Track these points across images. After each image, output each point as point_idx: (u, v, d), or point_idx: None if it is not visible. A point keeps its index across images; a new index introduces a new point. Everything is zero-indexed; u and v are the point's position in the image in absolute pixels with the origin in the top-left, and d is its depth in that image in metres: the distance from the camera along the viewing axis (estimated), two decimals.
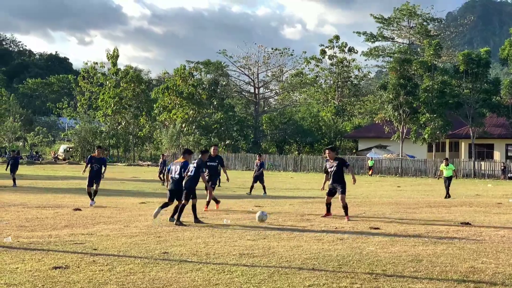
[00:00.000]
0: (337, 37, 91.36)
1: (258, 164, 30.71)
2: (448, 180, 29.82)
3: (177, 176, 16.44)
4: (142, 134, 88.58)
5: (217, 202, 20.62)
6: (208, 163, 19.68)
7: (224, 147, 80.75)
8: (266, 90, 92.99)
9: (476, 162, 59.60)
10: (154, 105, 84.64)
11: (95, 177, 22.53)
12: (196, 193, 16.78)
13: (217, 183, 26.96)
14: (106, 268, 9.94)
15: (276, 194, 30.67)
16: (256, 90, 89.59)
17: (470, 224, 16.43)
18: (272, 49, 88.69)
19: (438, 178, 34.12)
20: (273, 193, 30.95)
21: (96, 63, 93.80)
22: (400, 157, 62.64)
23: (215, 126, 79.74)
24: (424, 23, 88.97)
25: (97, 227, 15.21)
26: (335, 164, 17.70)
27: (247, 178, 49.43)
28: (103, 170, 22.89)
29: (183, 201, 16.21)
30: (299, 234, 14.36)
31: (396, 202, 25.12)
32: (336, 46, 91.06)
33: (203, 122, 79.92)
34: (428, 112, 60.14)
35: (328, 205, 18.22)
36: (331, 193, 17.99)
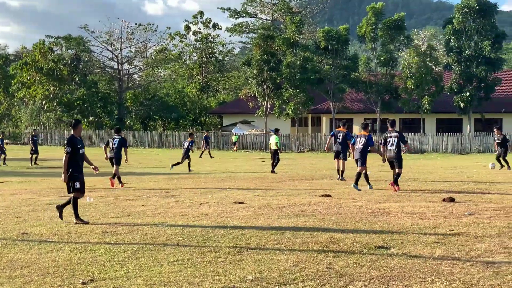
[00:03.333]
0: (201, 13, 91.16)
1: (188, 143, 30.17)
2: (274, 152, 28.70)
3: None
4: (0, 112, 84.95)
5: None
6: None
7: (87, 124, 78.94)
8: (130, 66, 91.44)
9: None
10: (12, 81, 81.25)
11: None
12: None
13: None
14: None
15: (141, 170, 30.38)
16: (120, 66, 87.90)
17: (330, 196, 16.97)
18: (136, 24, 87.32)
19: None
20: (138, 170, 30.64)
21: None
22: (264, 132, 63.61)
23: (78, 102, 77.62)
24: (286, 0, 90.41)
25: None
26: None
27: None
28: None
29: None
30: (164, 210, 14.32)
31: (260, 177, 25.54)
32: (200, 22, 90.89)
33: (65, 99, 77.57)
34: (291, 87, 61.30)
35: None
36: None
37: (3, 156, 36.08)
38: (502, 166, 29.46)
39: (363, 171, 19.48)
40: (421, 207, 14.47)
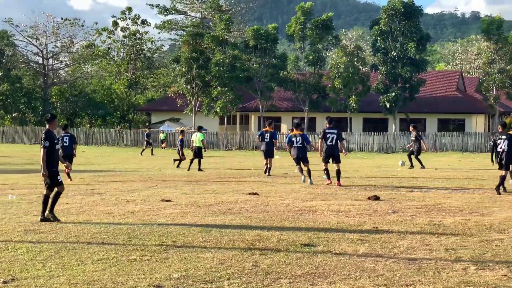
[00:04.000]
0: (129, 9, 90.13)
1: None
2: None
3: None
4: None
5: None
6: None
7: (10, 120, 77.10)
8: (56, 62, 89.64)
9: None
10: None
11: None
12: None
13: None
14: None
15: (63, 168, 29.77)
16: (45, 61, 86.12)
17: (257, 194, 17.04)
18: (62, 19, 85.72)
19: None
20: (62, 167, 30.01)
21: None
22: (192, 130, 63.36)
23: (1, 98, 75.73)
24: None
25: None
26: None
27: (35, 152, 47.63)
28: None
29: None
30: (89, 208, 14.12)
31: (188, 175, 25.44)
32: (129, 18, 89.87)
33: None
34: (220, 85, 61.29)
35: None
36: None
37: None
38: (412, 166, 29.66)
39: (308, 167, 20.45)
40: (347, 205, 14.67)
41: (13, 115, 77.26)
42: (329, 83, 60.95)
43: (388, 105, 57.95)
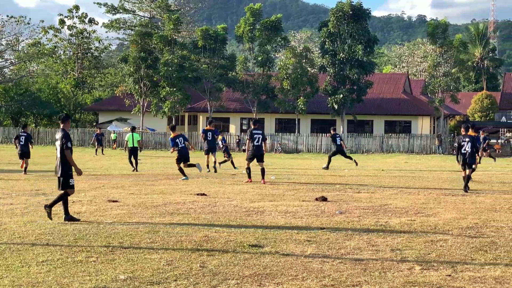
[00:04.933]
0: (76, 7, 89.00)
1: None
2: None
3: None
4: None
5: None
6: None
7: None
8: (1, 60, 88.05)
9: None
10: None
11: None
12: None
13: None
14: None
15: (10, 168, 29.30)
16: None
17: (205, 194, 16.99)
18: (7, 16, 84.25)
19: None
20: (7, 167, 29.55)
21: None
22: (141, 130, 62.94)
23: None
24: None
25: None
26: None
27: None
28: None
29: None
30: (34, 209, 13.89)
31: (135, 175, 25.25)
32: (76, 17, 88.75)
33: None
34: (168, 85, 60.99)
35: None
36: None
37: None
38: (327, 166, 29.73)
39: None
40: (295, 206, 14.74)
41: None
42: (277, 84, 61.19)
43: (336, 106, 58.41)
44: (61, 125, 12.78)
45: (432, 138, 56.80)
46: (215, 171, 26.36)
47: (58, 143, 12.52)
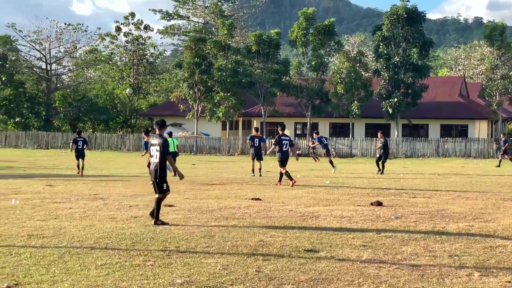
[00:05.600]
0: (132, 14, 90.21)
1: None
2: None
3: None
4: None
5: None
6: None
7: (13, 125, 77.15)
8: (59, 67, 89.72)
9: (267, 140, 61.74)
10: None
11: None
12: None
13: None
14: None
15: (69, 172, 29.86)
16: (48, 66, 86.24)
17: (260, 199, 17.03)
18: (65, 24, 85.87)
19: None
20: (66, 172, 30.12)
21: None
22: (195, 135, 63.39)
23: (4, 102, 75.83)
24: (219, 3, 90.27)
25: None
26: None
27: (38, 156, 47.69)
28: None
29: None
30: (93, 213, 14.12)
31: (190, 180, 25.45)
32: (132, 23, 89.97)
33: None
34: (222, 90, 61.29)
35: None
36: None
37: None
38: (379, 170, 29.98)
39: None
40: (350, 211, 14.67)
41: (16, 120, 77.34)
42: (331, 89, 60.92)
43: (390, 110, 57.86)
44: (157, 131, 13.14)
45: (490, 142, 55.78)
46: (260, 175, 26.97)
47: (155, 148, 12.79)
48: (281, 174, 22.22)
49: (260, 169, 27.31)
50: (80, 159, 28.81)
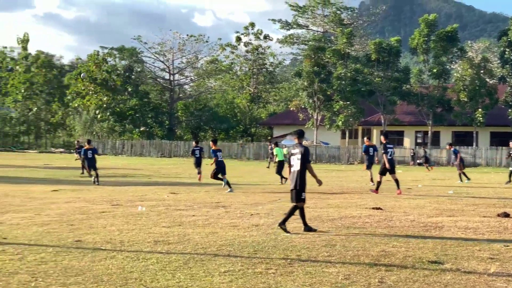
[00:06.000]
0: (252, 24, 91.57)
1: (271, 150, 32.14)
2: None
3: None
4: (55, 121, 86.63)
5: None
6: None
7: (138, 134, 79.85)
8: (181, 77, 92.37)
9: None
10: (67, 91, 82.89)
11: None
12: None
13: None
14: (17, 257, 9.67)
15: (191, 181, 30.57)
16: (171, 76, 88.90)
17: (381, 209, 16.81)
18: (187, 35, 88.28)
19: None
20: (188, 180, 30.85)
21: (6, 47, 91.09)
22: (314, 144, 63.45)
23: (130, 112, 78.76)
24: (338, 11, 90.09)
25: (6, 216, 14.78)
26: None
27: (162, 165, 49.11)
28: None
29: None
30: (215, 221, 14.36)
31: (310, 189, 25.41)
32: (251, 33, 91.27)
33: (118, 109, 78.77)
34: (342, 99, 61.12)
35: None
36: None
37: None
38: (509, 181, 28.92)
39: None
40: (475, 222, 14.22)
41: (141, 129, 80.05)
42: (454, 96, 59.49)
43: None
44: (296, 140, 13.27)
45: None
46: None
47: (296, 157, 12.93)
48: (396, 181, 22.02)
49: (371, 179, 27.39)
50: (198, 167, 30.25)
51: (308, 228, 12.76)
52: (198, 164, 30.32)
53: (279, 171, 29.24)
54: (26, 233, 12.06)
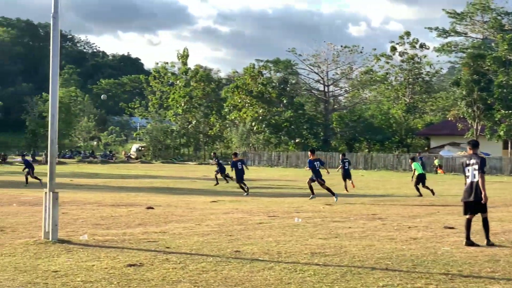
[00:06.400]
0: (407, 33, 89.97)
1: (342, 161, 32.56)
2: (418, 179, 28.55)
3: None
4: (213, 133, 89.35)
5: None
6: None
7: (294, 146, 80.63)
8: (336, 88, 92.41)
9: None
10: (224, 104, 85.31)
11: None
12: None
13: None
14: (179, 266, 10.01)
15: (345, 192, 30.42)
16: (326, 88, 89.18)
17: None
18: (341, 46, 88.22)
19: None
20: (343, 192, 30.72)
21: (167, 63, 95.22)
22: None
23: (285, 124, 79.75)
24: (498, 17, 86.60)
25: (169, 226, 15.36)
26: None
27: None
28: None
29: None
30: (372, 233, 14.20)
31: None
32: (407, 43, 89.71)
33: (273, 121, 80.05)
34: (503, 108, 58.77)
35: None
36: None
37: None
38: None
39: None
40: None
41: (296, 141, 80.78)
42: None
43: None
44: (471, 151, 13.13)
45: None
46: None
47: (473, 168, 12.73)
48: None
49: None
50: (347, 179, 30.97)
51: (489, 243, 12.54)
52: (346, 176, 31.26)
53: (417, 183, 28.51)
54: (187, 243, 12.47)
